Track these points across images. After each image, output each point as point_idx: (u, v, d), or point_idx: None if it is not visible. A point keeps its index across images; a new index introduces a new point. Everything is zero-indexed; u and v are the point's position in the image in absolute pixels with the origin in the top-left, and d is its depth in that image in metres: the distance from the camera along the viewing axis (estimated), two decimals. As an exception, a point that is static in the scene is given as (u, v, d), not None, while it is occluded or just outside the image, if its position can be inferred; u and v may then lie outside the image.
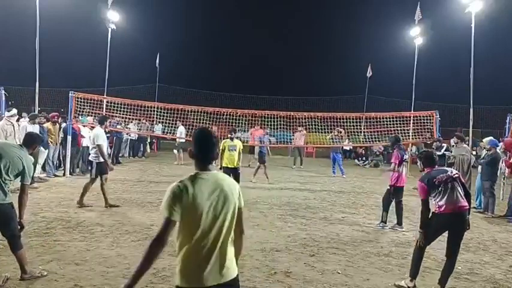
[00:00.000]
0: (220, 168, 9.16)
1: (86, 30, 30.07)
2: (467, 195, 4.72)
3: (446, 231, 4.65)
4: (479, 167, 9.96)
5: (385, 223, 7.45)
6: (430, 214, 4.74)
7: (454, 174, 4.71)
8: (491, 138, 10.08)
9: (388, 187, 7.53)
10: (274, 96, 32.49)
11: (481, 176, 9.68)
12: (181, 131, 15.67)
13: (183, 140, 15.82)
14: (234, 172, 9.06)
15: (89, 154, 8.66)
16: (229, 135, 9.67)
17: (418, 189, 4.81)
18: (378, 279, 4.99)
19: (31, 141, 4.66)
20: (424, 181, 4.69)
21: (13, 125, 9.54)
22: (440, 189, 4.61)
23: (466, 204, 4.64)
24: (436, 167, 4.92)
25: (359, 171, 17.44)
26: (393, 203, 7.50)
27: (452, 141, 10.62)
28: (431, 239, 4.71)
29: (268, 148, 13.95)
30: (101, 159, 8.06)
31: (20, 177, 4.36)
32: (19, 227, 4.43)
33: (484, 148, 10.21)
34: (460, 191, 4.64)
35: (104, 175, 8.10)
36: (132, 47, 33.10)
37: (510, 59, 28.42)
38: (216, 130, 17.46)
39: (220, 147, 9.14)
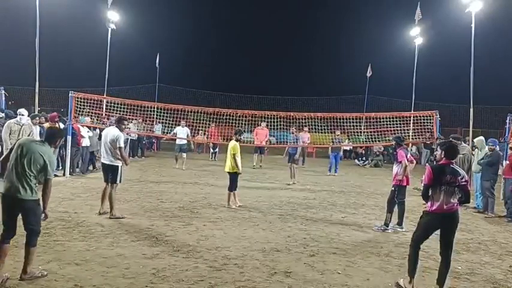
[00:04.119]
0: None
1: (86, 30, 30.11)
2: (466, 199, 4.74)
3: (439, 230, 4.70)
4: (478, 167, 9.95)
5: (387, 226, 7.29)
6: (422, 212, 4.84)
7: (462, 182, 4.63)
8: (482, 137, 10.17)
9: (392, 188, 7.44)
10: (274, 96, 32.53)
11: (481, 176, 9.68)
12: (179, 131, 15.03)
13: (183, 142, 15.20)
14: (229, 176, 8.71)
15: (96, 156, 7.72)
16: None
17: (425, 173, 4.78)
18: (378, 279, 4.98)
19: (53, 136, 4.75)
20: (435, 171, 4.64)
21: (21, 126, 9.60)
22: (442, 187, 4.60)
23: (457, 206, 4.66)
24: (454, 163, 4.84)
25: (359, 171, 17.44)
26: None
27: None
28: (422, 236, 4.73)
29: (299, 149, 12.99)
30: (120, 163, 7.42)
31: (43, 172, 4.45)
32: (43, 216, 4.53)
33: (476, 148, 10.22)
34: (457, 196, 4.64)
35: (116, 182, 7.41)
36: (132, 47, 33.13)
37: (510, 59, 28.42)
38: (217, 130, 17.48)
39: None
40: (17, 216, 4.46)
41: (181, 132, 15.03)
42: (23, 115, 9.70)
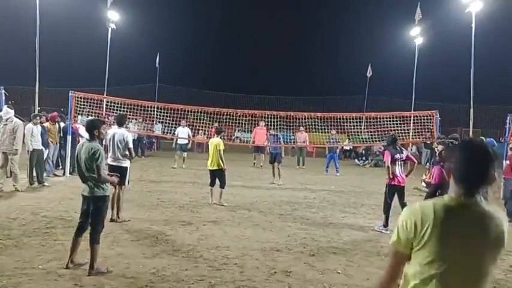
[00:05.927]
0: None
1: (86, 30, 30.13)
2: None
3: None
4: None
5: (386, 227, 7.25)
6: None
7: None
8: (481, 138, 10.14)
9: (385, 188, 7.47)
10: (274, 96, 32.53)
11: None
12: (180, 131, 15.12)
13: (184, 142, 15.34)
14: (211, 173, 8.95)
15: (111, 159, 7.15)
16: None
17: (434, 174, 4.78)
18: (378, 279, 4.98)
19: (90, 128, 4.89)
20: (445, 171, 4.67)
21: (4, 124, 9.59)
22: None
23: None
24: None
25: (359, 171, 17.43)
26: (397, 204, 7.39)
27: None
28: None
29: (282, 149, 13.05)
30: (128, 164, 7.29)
31: (93, 162, 4.71)
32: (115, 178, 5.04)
33: None
34: None
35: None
36: (132, 47, 33.13)
37: (510, 59, 28.42)
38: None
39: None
40: (86, 214, 4.82)
41: (183, 132, 15.15)
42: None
